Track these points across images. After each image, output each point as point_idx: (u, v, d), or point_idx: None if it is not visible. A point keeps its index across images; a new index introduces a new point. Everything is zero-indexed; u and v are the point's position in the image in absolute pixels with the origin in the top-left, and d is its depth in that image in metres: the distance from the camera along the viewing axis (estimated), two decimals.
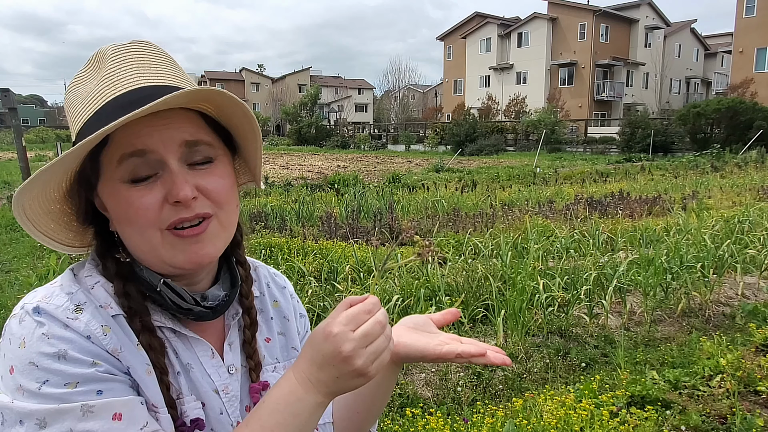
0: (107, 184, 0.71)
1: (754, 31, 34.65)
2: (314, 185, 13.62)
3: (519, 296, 4.04)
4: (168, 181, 0.69)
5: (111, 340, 0.68)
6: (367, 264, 5.09)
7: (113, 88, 0.69)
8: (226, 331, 0.82)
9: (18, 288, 5.22)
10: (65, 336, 0.64)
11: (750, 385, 3.20)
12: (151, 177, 0.69)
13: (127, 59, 0.72)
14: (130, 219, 0.70)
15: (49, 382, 0.62)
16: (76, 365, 0.63)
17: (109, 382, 0.65)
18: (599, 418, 2.52)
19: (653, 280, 4.71)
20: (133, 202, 0.68)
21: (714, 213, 7.92)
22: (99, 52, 0.74)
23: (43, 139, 43.51)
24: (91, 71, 0.74)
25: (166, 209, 0.69)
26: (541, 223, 7.07)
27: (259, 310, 0.88)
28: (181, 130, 0.70)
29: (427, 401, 3.16)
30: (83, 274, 0.74)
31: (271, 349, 0.87)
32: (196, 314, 0.76)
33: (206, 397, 0.76)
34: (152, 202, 0.68)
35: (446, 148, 34.60)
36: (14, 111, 10.79)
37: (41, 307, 0.66)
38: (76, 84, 0.74)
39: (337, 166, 22.27)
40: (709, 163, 19.01)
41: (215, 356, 0.78)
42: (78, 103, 0.72)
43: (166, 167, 0.69)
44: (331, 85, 77.08)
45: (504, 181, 15.10)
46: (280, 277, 0.97)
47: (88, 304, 0.69)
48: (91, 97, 0.70)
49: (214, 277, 0.82)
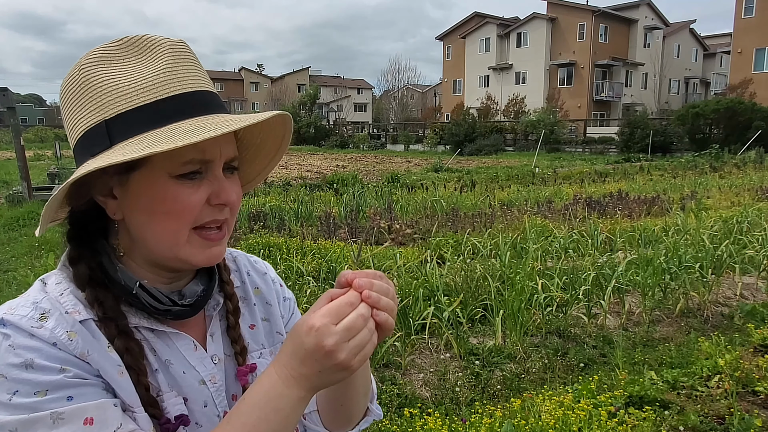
0: (151, 173, 0.69)
1: (753, 32, 34.67)
2: (313, 185, 13.62)
3: (518, 296, 4.04)
4: (214, 184, 0.72)
5: (78, 345, 0.67)
6: (367, 264, 5.09)
7: (176, 83, 0.69)
8: (208, 322, 0.82)
9: (16, 288, 5.21)
10: (30, 345, 0.64)
11: (748, 385, 3.20)
12: (197, 177, 0.71)
13: (185, 57, 0.72)
14: (170, 212, 0.70)
15: (19, 393, 0.62)
16: (44, 373, 0.63)
17: (79, 387, 0.64)
18: (597, 419, 2.52)
19: (652, 280, 4.72)
20: (182, 198, 0.70)
21: (713, 213, 7.93)
22: (143, 39, 0.72)
23: (41, 138, 43.37)
24: (132, 55, 0.71)
25: (204, 209, 0.72)
26: (539, 223, 7.07)
27: (242, 298, 0.88)
28: (230, 145, 0.75)
29: (425, 401, 3.16)
30: (53, 282, 0.73)
31: (256, 336, 0.87)
32: (174, 314, 0.75)
33: (190, 391, 0.75)
34: (198, 201, 0.71)
35: (445, 148, 34.61)
36: (13, 110, 10.78)
37: (6, 319, 0.66)
38: (106, 58, 0.70)
39: (336, 166, 22.26)
40: (708, 163, 19.03)
41: (198, 348, 0.78)
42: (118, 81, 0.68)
43: (212, 172, 0.72)
44: (330, 84, 77.04)
45: (503, 181, 15.11)
46: (261, 264, 0.97)
47: (53, 311, 0.68)
48: (145, 84, 0.68)
49: (193, 272, 0.82)
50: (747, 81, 34.31)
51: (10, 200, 10.47)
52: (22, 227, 8.74)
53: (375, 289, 0.67)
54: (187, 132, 0.65)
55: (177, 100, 0.68)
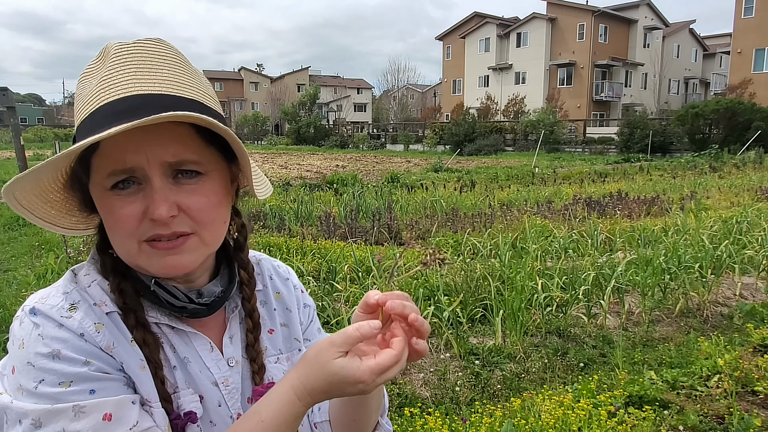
0: (95, 187, 0.72)
1: (752, 32, 34.68)
2: (313, 185, 13.62)
3: (518, 296, 4.04)
4: (149, 196, 0.68)
5: (104, 337, 0.69)
6: (366, 263, 5.09)
7: (108, 92, 0.68)
8: (227, 324, 0.83)
9: (16, 287, 5.21)
10: (58, 336, 0.66)
11: (747, 385, 3.21)
12: (133, 185, 0.69)
13: (128, 61, 0.69)
14: (111, 225, 0.71)
15: (44, 381, 0.64)
16: (70, 364, 0.65)
17: (102, 381, 0.67)
18: (597, 418, 2.53)
19: (651, 280, 4.72)
20: (115, 210, 0.69)
21: (712, 213, 7.93)
22: (105, 48, 0.73)
23: (41, 138, 43.39)
24: (96, 67, 0.72)
25: (144, 223, 0.69)
26: (539, 223, 7.07)
27: (263, 302, 0.89)
28: (167, 149, 0.68)
29: (426, 401, 3.16)
30: (82, 274, 0.76)
31: (274, 340, 0.88)
32: (190, 311, 0.77)
33: (205, 389, 0.77)
34: (132, 214, 0.69)
35: (445, 148, 34.61)
36: (12, 110, 10.76)
37: (37, 308, 0.68)
38: (83, 77, 0.73)
39: (335, 166, 22.26)
40: (708, 163, 19.03)
41: (214, 350, 0.79)
42: (80, 100, 0.72)
43: (149, 182, 0.69)
44: (330, 84, 77.02)
45: (503, 181, 15.11)
46: (283, 269, 0.97)
47: (82, 302, 0.70)
48: (90, 97, 0.69)
49: (212, 272, 0.82)
50: (746, 81, 34.31)
51: None
52: (22, 227, 8.73)
53: (407, 311, 0.69)
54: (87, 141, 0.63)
55: (105, 109, 0.67)
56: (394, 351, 0.67)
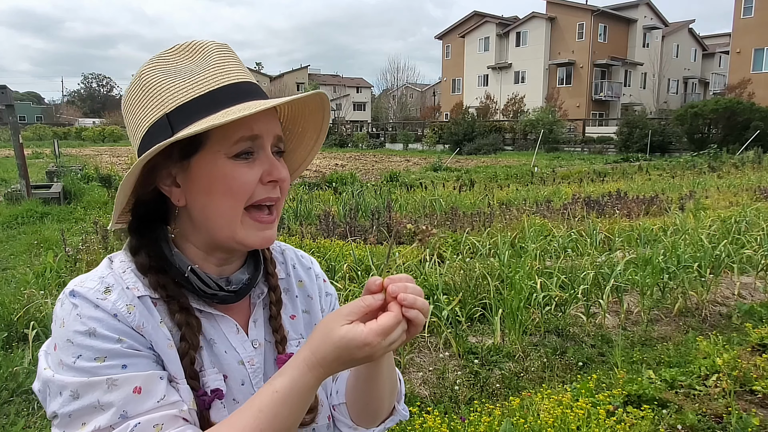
0: (210, 156, 0.77)
1: (752, 32, 34.70)
2: (312, 184, 13.61)
3: (517, 295, 4.05)
4: (266, 162, 0.79)
5: (135, 318, 0.75)
6: (365, 262, 5.09)
7: (225, 76, 0.78)
8: (252, 309, 0.90)
9: (15, 286, 5.20)
10: (94, 315, 0.73)
11: (746, 384, 3.21)
12: (250, 158, 0.78)
13: (229, 56, 0.82)
14: (227, 191, 0.77)
15: (82, 357, 0.71)
16: (104, 341, 0.72)
17: (133, 357, 0.73)
18: (596, 417, 2.53)
19: (650, 279, 4.73)
20: (239, 176, 0.77)
21: (711, 213, 7.94)
22: (193, 44, 0.82)
23: (40, 136, 43.24)
24: (184, 58, 0.80)
25: (258, 187, 0.79)
26: (538, 222, 7.08)
27: (285, 290, 0.96)
28: (276, 124, 0.82)
29: (425, 400, 3.17)
30: (118, 260, 0.82)
31: (296, 326, 0.94)
32: (220, 298, 0.83)
33: (229, 369, 0.83)
34: (253, 179, 0.78)
35: (444, 147, 34.60)
36: (11, 108, 10.75)
37: (76, 291, 0.75)
38: (162, 63, 0.80)
39: (335, 165, 22.24)
40: (707, 163, 19.05)
41: (240, 332, 0.86)
42: (174, 79, 0.78)
43: (264, 152, 0.79)
44: (330, 83, 76.92)
45: (502, 181, 15.11)
46: (306, 258, 1.04)
47: (116, 285, 0.77)
48: (198, 80, 0.77)
49: (242, 260, 0.89)
50: (746, 81, 34.33)
51: (9, 198, 10.45)
52: (21, 225, 8.73)
53: (409, 291, 0.73)
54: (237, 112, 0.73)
55: (227, 89, 0.77)
56: (392, 312, 0.71)
